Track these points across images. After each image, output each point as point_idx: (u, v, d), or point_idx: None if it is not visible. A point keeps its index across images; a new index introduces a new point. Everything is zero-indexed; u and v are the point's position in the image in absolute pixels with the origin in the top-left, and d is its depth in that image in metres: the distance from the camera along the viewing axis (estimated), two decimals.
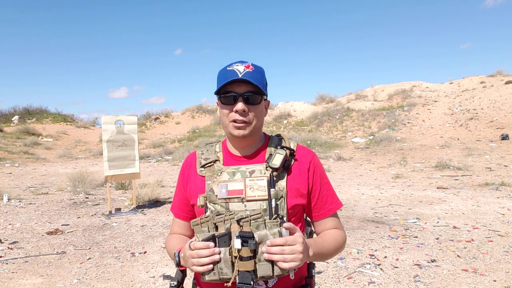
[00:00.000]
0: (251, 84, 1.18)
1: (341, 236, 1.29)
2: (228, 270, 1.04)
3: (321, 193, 1.28)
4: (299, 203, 1.24)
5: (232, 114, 1.20)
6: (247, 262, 1.03)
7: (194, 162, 1.33)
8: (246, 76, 1.17)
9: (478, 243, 4.51)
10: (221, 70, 1.24)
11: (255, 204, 1.17)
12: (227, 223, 1.08)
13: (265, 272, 1.03)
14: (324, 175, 1.33)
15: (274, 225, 1.06)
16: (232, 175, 1.22)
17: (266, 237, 1.04)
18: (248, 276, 1.03)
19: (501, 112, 16.82)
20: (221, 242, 1.05)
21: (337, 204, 1.32)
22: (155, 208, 6.92)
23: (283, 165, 1.21)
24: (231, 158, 1.29)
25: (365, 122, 19.49)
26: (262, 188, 1.18)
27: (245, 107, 1.19)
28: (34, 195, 8.21)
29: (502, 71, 22.14)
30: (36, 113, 27.25)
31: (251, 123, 1.22)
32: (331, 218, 1.30)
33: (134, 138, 6.86)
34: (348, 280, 3.58)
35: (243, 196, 1.18)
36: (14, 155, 16.71)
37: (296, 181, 1.24)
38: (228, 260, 1.04)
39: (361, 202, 6.96)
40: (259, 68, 1.23)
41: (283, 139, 1.32)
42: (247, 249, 1.02)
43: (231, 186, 1.20)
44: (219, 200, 1.19)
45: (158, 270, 3.96)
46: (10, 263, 4.21)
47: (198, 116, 26.80)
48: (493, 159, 11.45)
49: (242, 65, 1.20)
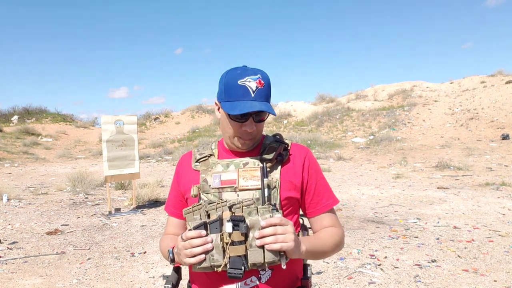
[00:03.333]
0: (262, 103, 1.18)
1: (337, 233, 1.27)
2: (219, 256, 1.03)
3: (316, 188, 1.28)
4: (293, 196, 1.23)
5: (240, 131, 1.21)
6: (238, 246, 1.02)
7: (189, 160, 1.34)
8: (258, 96, 1.16)
9: (478, 243, 4.50)
10: (231, 79, 1.19)
11: (248, 193, 1.17)
12: (219, 210, 1.07)
13: (256, 259, 1.02)
14: (320, 171, 1.32)
15: (266, 211, 1.06)
16: (226, 166, 1.24)
17: (258, 222, 1.03)
18: (239, 261, 1.01)
19: (501, 112, 16.81)
20: (213, 228, 1.04)
21: (333, 200, 1.30)
22: (155, 208, 6.91)
23: (276, 158, 1.23)
24: (226, 153, 1.30)
25: (365, 122, 19.49)
26: (255, 178, 1.18)
27: (254, 125, 1.20)
28: (33, 195, 8.20)
29: (503, 71, 22.16)
30: (36, 113, 27.23)
31: (255, 137, 1.24)
32: (328, 214, 1.29)
33: (134, 138, 6.85)
34: (348, 280, 3.57)
35: (236, 185, 1.19)
36: (14, 155, 16.70)
37: (290, 174, 1.24)
38: (219, 246, 1.03)
39: (361, 202, 6.95)
40: (267, 81, 1.21)
41: (279, 137, 1.33)
42: (238, 233, 1.01)
43: (225, 176, 1.21)
44: (212, 190, 1.20)
45: (158, 270, 3.95)
46: (10, 263, 4.20)
47: (198, 116, 26.80)
48: (494, 159, 11.44)
49: (254, 82, 1.17)
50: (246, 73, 1.18)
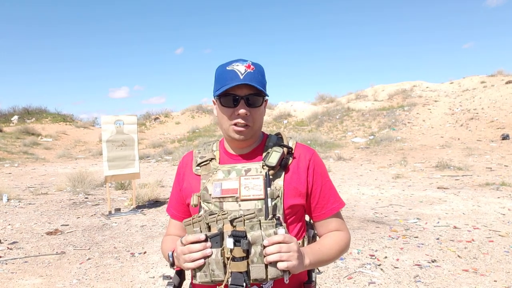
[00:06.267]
0: (253, 86, 1.14)
1: (343, 238, 1.24)
2: (220, 272, 1.00)
3: (322, 192, 1.24)
4: (298, 203, 1.19)
5: (233, 117, 1.16)
6: (239, 262, 0.99)
7: (190, 161, 1.30)
8: (248, 78, 1.13)
9: (478, 243, 4.50)
10: (220, 69, 1.19)
11: (250, 203, 1.13)
12: (219, 223, 1.04)
13: (258, 275, 0.99)
14: (326, 173, 1.28)
15: (270, 226, 1.02)
16: (227, 173, 1.19)
17: (260, 238, 0.99)
18: (240, 277, 0.98)
19: (501, 112, 16.81)
20: (213, 243, 1.01)
21: (339, 204, 1.27)
22: (155, 208, 6.90)
23: (279, 163, 1.17)
24: (228, 156, 1.26)
25: (365, 122, 19.49)
26: (257, 187, 1.14)
27: (247, 110, 1.15)
28: (33, 195, 8.20)
29: (503, 71, 22.17)
30: (36, 113, 27.23)
31: (252, 126, 1.18)
32: (334, 218, 1.26)
33: (134, 138, 6.85)
34: (348, 280, 3.57)
35: (237, 195, 1.14)
36: (14, 155, 16.70)
37: (294, 180, 1.19)
38: (220, 262, 1.00)
39: (361, 202, 6.95)
40: (260, 68, 1.19)
41: (282, 138, 1.28)
42: (239, 249, 0.98)
43: (226, 184, 1.16)
44: (213, 199, 1.15)
45: (158, 270, 3.95)
46: (10, 263, 4.20)
47: (198, 116, 26.81)
48: (494, 159, 11.44)
49: (243, 65, 1.15)
50: (235, 61, 1.18)
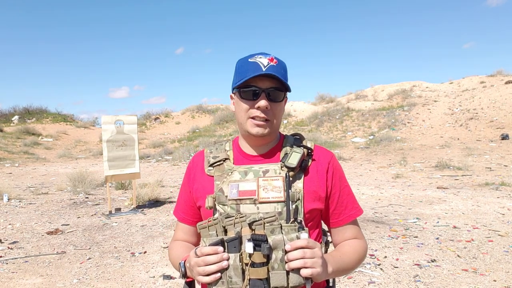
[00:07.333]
0: (275, 79, 1.09)
1: (361, 246, 1.18)
2: (238, 278, 0.93)
3: (340, 197, 1.18)
4: (317, 208, 1.13)
5: (252, 111, 1.10)
6: (259, 269, 0.92)
7: (201, 162, 1.22)
8: (270, 70, 1.07)
9: (478, 243, 4.51)
10: (241, 61, 1.14)
11: (269, 206, 1.06)
12: (237, 226, 0.97)
13: (279, 282, 0.92)
14: (344, 178, 1.22)
15: (292, 230, 0.95)
16: (244, 174, 1.12)
17: (282, 243, 0.93)
18: (260, 285, 0.92)
19: (501, 112, 16.82)
20: (231, 247, 0.94)
21: (357, 210, 1.21)
22: (155, 208, 6.92)
23: (300, 165, 1.10)
24: (243, 157, 1.19)
25: (365, 122, 19.49)
26: (276, 189, 1.07)
27: (268, 104, 1.09)
28: (34, 195, 8.21)
29: (502, 71, 22.21)
30: (36, 113, 27.26)
31: (271, 121, 1.12)
32: (351, 225, 1.20)
33: (134, 138, 6.86)
34: (348, 280, 3.58)
35: (255, 197, 1.07)
36: (14, 155, 16.71)
37: (314, 183, 1.13)
38: (239, 268, 0.93)
39: (361, 202, 6.95)
40: (283, 63, 1.13)
41: (299, 138, 1.22)
42: (259, 254, 0.91)
43: (243, 186, 1.09)
44: (229, 201, 1.08)
45: (158, 270, 3.96)
46: (10, 263, 4.21)
47: (198, 116, 26.82)
48: (493, 159, 11.45)
49: (266, 58, 1.09)
50: (257, 53, 1.13)
